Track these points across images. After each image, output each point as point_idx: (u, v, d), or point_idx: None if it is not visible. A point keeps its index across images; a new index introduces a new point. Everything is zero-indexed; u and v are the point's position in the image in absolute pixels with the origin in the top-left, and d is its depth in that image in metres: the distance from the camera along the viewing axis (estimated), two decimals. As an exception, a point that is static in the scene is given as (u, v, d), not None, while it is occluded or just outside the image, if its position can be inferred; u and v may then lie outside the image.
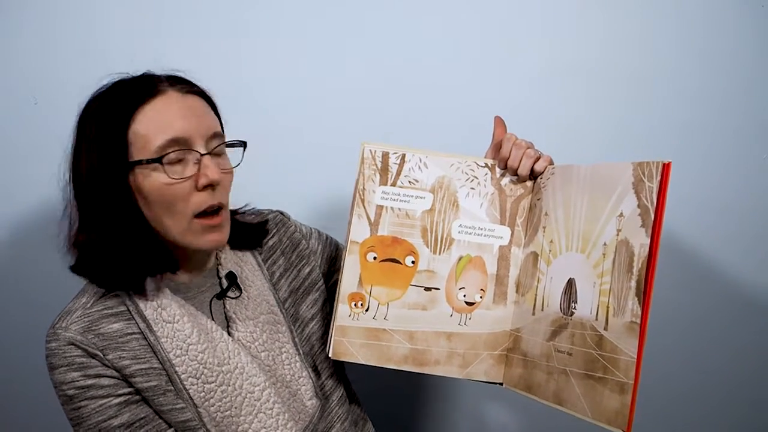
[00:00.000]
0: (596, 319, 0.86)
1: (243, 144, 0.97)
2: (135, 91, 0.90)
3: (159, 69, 0.95)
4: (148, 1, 1.32)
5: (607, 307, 0.85)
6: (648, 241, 0.81)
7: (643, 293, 0.80)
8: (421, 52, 1.37)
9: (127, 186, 0.90)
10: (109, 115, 0.89)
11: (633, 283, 0.82)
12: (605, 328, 0.85)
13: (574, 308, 0.90)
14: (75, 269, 0.93)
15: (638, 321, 0.80)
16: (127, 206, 0.90)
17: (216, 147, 0.92)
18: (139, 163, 0.88)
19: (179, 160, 0.89)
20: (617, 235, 0.86)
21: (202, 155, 0.90)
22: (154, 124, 0.88)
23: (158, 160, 0.88)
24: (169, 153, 0.88)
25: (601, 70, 1.39)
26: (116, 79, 0.94)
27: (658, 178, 0.81)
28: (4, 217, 1.37)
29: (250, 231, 1.07)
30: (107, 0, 1.31)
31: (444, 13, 1.37)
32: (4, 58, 1.31)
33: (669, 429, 1.54)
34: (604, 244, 0.87)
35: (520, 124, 1.05)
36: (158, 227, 0.92)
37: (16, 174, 1.34)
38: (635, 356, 0.80)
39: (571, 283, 0.92)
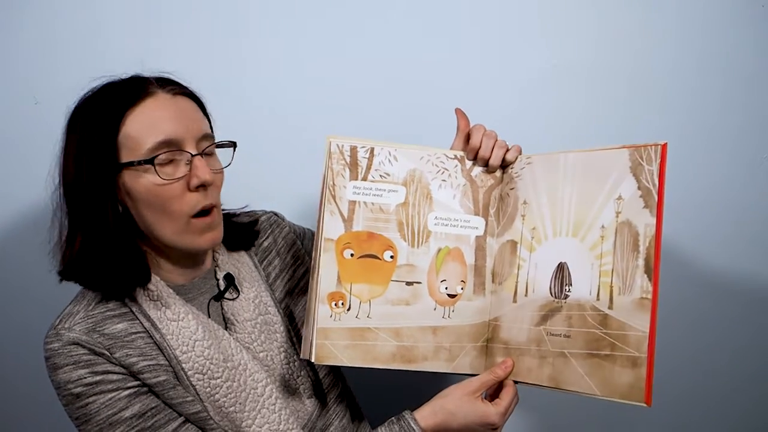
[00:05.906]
0: (597, 299, 0.90)
1: (233, 144, 0.98)
2: (124, 94, 0.91)
3: (148, 70, 0.96)
4: (148, 1, 1.32)
5: (611, 286, 0.89)
6: (654, 221, 0.86)
7: (653, 270, 0.85)
8: (419, 52, 1.35)
9: (115, 188, 0.90)
10: (98, 118, 0.90)
11: (641, 262, 0.87)
12: (610, 307, 0.89)
13: (569, 291, 0.93)
14: (62, 274, 0.93)
15: (649, 297, 0.85)
16: (114, 209, 0.91)
17: (206, 148, 0.94)
18: (130, 164, 0.89)
19: (170, 162, 0.90)
20: (617, 217, 0.90)
21: (193, 156, 0.91)
22: (145, 126, 0.89)
23: (150, 161, 0.88)
24: (160, 154, 0.89)
25: (601, 70, 1.38)
26: (105, 82, 0.94)
27: (658, 161, 0.87)
28: (3, 217, 1.37)
29: (243, 231, 1.08)
30: (107, 0, 1.31)
31: (443, 14, 1.35)
32: (4, 58, 1.31)
33: (669, 428, 1.52)
34: (602, 226, 0.92)
35: (520, 124, 1.05)
36: (153, 229, 0.92)
37: (15, 174, 1.34)
38: (647, 330, 0.84)
39: (562, 267, 0.94)
